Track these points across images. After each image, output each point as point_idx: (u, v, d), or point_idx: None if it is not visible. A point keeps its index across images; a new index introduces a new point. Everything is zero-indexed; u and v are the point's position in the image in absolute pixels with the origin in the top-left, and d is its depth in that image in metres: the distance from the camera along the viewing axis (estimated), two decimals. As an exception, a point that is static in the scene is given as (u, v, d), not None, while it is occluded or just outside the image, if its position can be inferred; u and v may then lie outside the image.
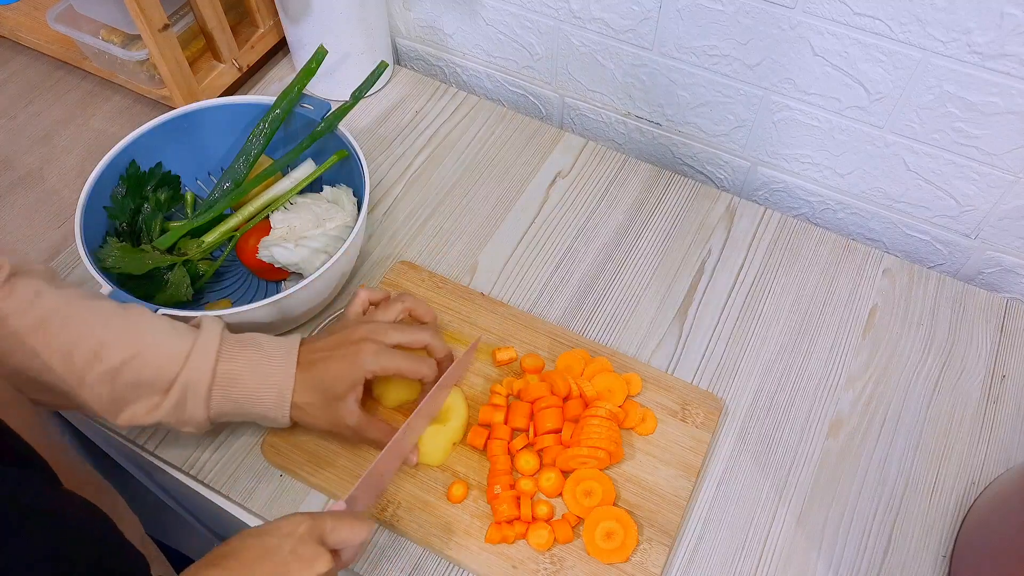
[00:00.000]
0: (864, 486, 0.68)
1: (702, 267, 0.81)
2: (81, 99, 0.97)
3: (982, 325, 0.77)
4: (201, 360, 0.59)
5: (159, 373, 0.58)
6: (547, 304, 0.78)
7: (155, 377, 0.58)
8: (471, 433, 0.68)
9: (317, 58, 0.78)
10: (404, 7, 0.97)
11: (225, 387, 0.60)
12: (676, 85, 0.85)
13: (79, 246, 0.68)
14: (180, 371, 0.58)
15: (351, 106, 0.79)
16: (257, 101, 0.78)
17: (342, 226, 0.74)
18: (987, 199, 0.77)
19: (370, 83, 0.81)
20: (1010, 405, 0.72)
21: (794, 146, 0.84)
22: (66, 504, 0.45)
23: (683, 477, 0.66)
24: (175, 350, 0.59)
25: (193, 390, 0.59)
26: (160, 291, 0.72)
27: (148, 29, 0.81)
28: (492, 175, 0.89)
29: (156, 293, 0.72)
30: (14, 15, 0.99)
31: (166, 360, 0.59)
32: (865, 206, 0.85)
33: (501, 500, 0.64)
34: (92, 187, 0.71)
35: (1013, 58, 0.66)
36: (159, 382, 0.59)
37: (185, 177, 0.80)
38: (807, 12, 0.72)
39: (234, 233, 0.76)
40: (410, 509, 0.65)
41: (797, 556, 0.65)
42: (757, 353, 0.75)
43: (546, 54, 0.91)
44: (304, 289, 0.67)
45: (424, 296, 0.77)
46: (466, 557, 0.63)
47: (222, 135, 0.80)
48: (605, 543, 0.63)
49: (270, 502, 0.67)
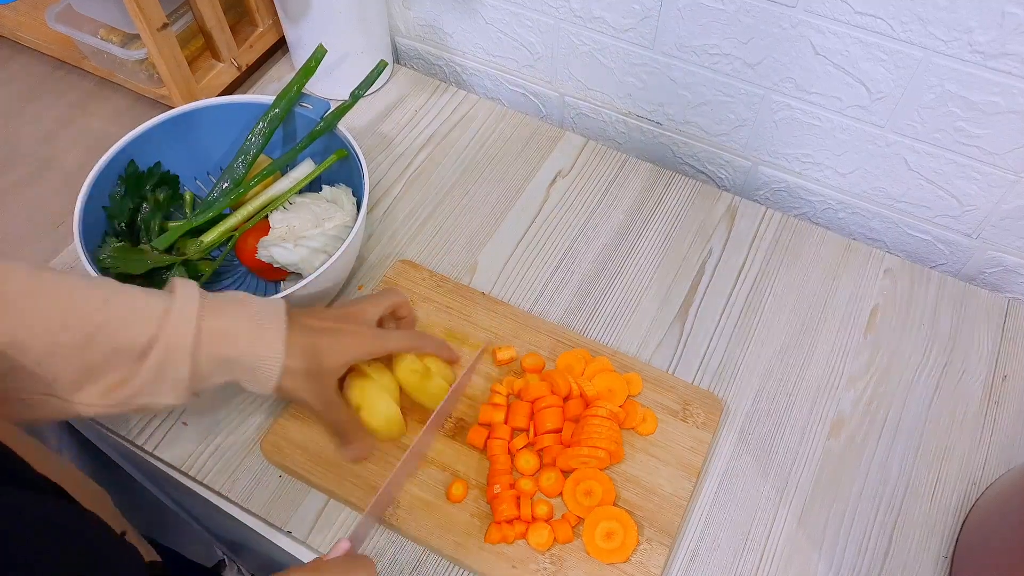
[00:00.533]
0: (865, 486, 0.68)
1: (703, 267, 0.81)
2: (80, 99, 0.97)
3: (984, 325, 0.77)
4: (182, 319, 0.55)
5: (135, 337, 0.54)
6: (547, 304, 0.78)
7: (131, 341, 0.54)
8: (471, 432, 0.68)
9: (316, 57, 0.78)
10: (404, 6, 0.97)
11: (212, 345, 0.56)
12: (677, 84, 0.85)
13: (77, 246, 0.68)
14: (158, 332, 0.54)
15: (350, 105, 0.79)
16: (256, 101, 0.78)
17: (341, 226, 0.74)
18: (988, 199, 0.77)
19: (369, 82, 0.81)
20: (1011, 406, 0.72)
21: (795, 145, 0.84)
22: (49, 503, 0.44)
23: (683, 477, 0.66)
24: (150, 311, 0.55)
25: (177, 351, 0.55)
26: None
27: (147, 28, 0.81)
28: (492, 174, 0.89)
29: None
30: (13, 15, 0.99)
31: (142, 322, 0.54)
32: (866, 206, 0.85)
33: (501, 499, 0.63)
34: (90, 187, 0.71)
35: (1014, 57, 0.66)
36: (135, 347, 0.54)
37: (184, 177, 0.80)
38: (808, 11, 0.71)
39: (233, 233, 0.76)
40: (410, 509, 0.65)
41: (798, 557, 0.64)
42: (758, 353, 0.75)
43: (546, 53, 0.91)
44: (303, 289, 0.67)
45: (425, 295, 0.77)
46: (466, 556, 0.63)
47: (221, 134, 0.80)
48: (605, 543, 0.62)
49: (270, 502, 0.67)
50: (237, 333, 0.57)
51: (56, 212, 0.87)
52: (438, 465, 0.67)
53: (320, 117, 0.77)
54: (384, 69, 0.82)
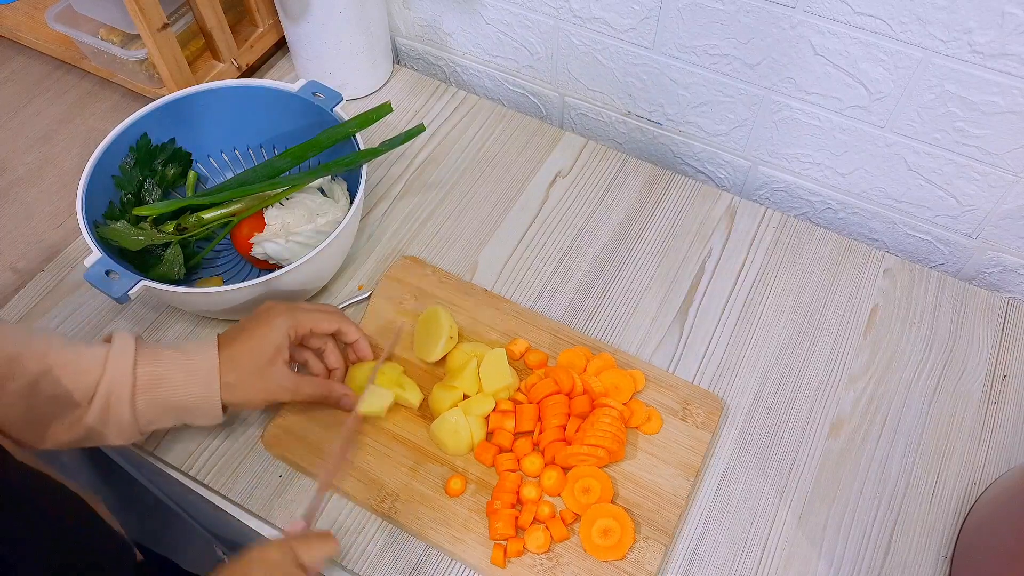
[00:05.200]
0: (865, 486, 0.68)
1: (703, 267, 0.81)
2: (80, 98, 0.97)
3: (983, 325, 0.77)
4: (118, 366, 0.59)
5: (76, 383, 0.57)
6: (547, 304, 0.78)
7: (73, 388, 0.57)
8: (478, 449, 0.67)
9: (380, 112, 0.77)
10: (404, 6, 0.97)
11: (149, 390, 0.60)
12: (677, 84, 0.85)
13: (79, 216, 0.69)
14: (100, 379, 0.58)
15: (379, 152, 0.77)
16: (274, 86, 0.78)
17: (333, 222, 0.75)
18: (988, 199, 0.77)
19: (403, 139, 0.79)
20: (1011, 405, 0.72)
21: (795, 146, 0.84)
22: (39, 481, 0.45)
23: (682, 476, 0.66)
24: (90, 360, 0.58)
25: (116, 396, 0.58)
26: (154, 267, 0.74)
27: (147, 28, 0.81)
28: (492, 175, 0.89)
29: (150, 269, 0.74)
30: (13, 14, 0.99)
31: (82, 370, 0.58)
32: (866, 206, 0.85)
33: (498, 516, 0.63)
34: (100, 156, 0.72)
35: (1014, 57, 0.66)
36: (78, 392, 0.58)
37: (197, 155, 0.81)
38: (808, 11, 0.72)
39: (230, 218, 0.76)
40: (408, 502, 0.65)
41: (798, 556, 0.64)
42: (758, 353, 0.75)
43: (546, 53, 0.91)
44: (294, 272, 0.68)
45: (426, 291, 0.77)
46: (462, 550, 0.63)
47: (238, 116, 0.80)
48: (602, 540, 0.62)
49: (269, 502, 0.67)
50: (170, 377, 0.60)
51: (56, 212, 0.87)
52: (437, 460, 0.67)
53: (331, 108, 0.77)
54: (421, 132, 0.80)
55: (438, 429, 0.67)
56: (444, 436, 0.66)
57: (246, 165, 0.84)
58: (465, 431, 0.66)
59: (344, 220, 0.70)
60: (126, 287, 0.65)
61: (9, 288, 0.80)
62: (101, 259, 0.66)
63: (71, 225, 0.86)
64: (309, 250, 0.72)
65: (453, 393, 0.68)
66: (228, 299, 0.69)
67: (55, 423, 0.58)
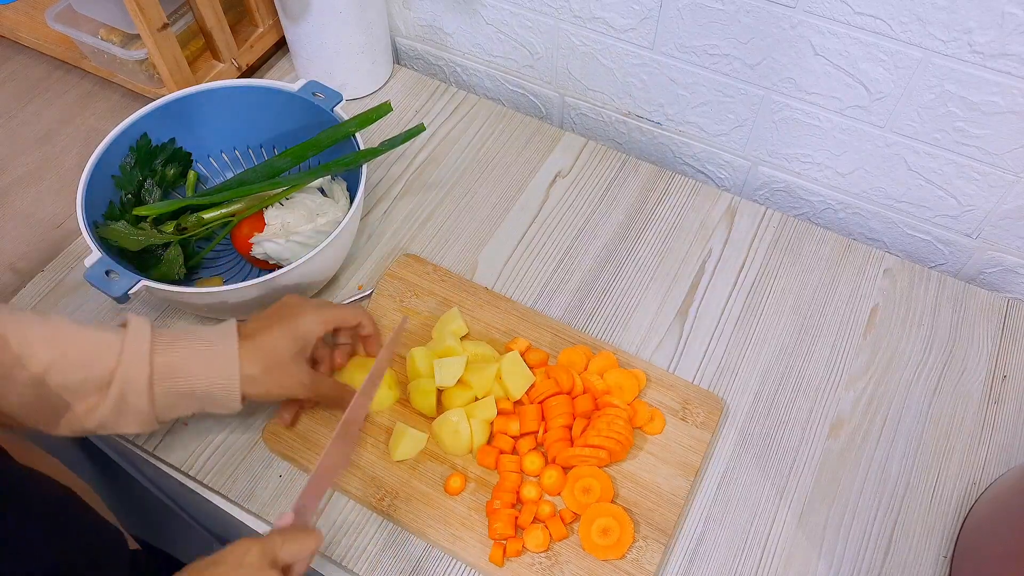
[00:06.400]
0: (865, 486, 0.68)
1: (703, 267, 0.81)
2: (80, 98, 0.97)
3: (983, 325, 0.77)
4: (134, 354, 0.57)
5: (90, 372, 0.56)
6: (547, 304, 0.78)
7: (87, 377, 0.56)
8: (480, 453, 0.67)
9: (380, 111, 0.77)
10: (404, 6, 0.97)
11: (167, 380, 0.58)
12: (677, 84, 0.85)
13: (79, 216, 0.69)
14: (115, 368, 0.56)
15: (378, 152, 0.77)
16: (274, 86, 0.78)
17: (333, 221, 0.75)
18: (988, 199, 0.77)
19: (402, 139, 0.79)
20: (1011, 405, 0.72)
21: (795, 146, 0.84)
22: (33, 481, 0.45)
23: (682, 476, 0.66)
24: (104, 347, 0.57)
25: (132, 387, 0.57)
26: (154, 267, 0.74)
27: (147, 28, 0.81)
28: (492, 175, 0.89)
29: (150, 269, 0.74)
30: (13, 14, 0.99)
31: (96, 358, 0.56)
32: (866, 206, 0.85)
33: (498, 516, 0.63)
34: (100, 156, 0.72)
35: (1014, 58, 0.66)
36: (92, 381, 0.56)
37: (197, 155, 0.81)
38: (808, 11, 0.72)
39: (230, 218, 0.76)
40: (407, 500, 0.65)
41: (798, 556, 0.64)
42: (758, 353, 0.75)
43: (546, 53, 0.91)
44: (293, 272, 0.68)
45: (427, 289, 0.77)
46: (461, 549, 0.63)
47: (237, 117, 0.80)
48: (601, 539, 0.62)
49: (269, 502, 0.67)
50: (188, 366, 0.59)
51: (56, 212, 0.87)
52: (436, 458, 0.67)
53: (331, 109, 0.77)
54: (421, 132, 0.80)
55: (439, 427, 0.67)
56: (444, 435, 0.66)
57: (246, 165, 0.84)
58: (465, 432, 0.66)
59: (344, 220, 0.70)
60: (126, 287, 0.65)
61: (9, 288, 0.80)
62: (101, 259, 0.66)
63: (71, 225, 0.86)
64: (309, 250, 0.72)
65: (466, 392, 0.68)
66: (228, 299, 0.69)
67: (68, 412, 0.56)
